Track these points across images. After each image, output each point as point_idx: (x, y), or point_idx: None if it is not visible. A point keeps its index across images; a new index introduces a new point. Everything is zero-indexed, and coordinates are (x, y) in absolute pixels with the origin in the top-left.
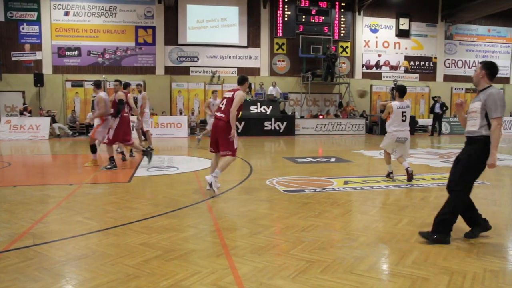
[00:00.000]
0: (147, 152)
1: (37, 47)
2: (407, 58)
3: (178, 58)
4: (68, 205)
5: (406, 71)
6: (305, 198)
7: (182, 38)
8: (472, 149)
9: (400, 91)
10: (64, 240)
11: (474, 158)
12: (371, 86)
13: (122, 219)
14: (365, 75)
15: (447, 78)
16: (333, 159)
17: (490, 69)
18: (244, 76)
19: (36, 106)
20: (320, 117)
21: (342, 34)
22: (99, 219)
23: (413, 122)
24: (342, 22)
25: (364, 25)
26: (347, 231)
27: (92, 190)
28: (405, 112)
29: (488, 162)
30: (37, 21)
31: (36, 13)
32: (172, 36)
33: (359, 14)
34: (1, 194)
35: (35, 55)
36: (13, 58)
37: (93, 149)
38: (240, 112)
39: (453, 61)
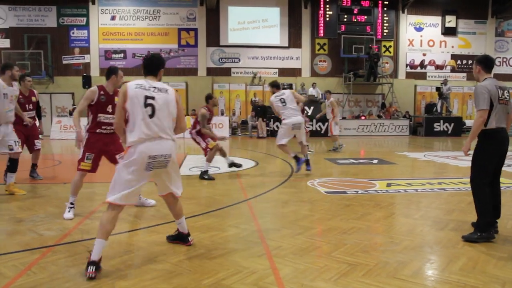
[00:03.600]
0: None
1: (86, 50)
2: (454, 57)
3: (220, 60)
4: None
5: (453, 70)
6: (346, 200)
7: (224, 40)
8: (477, 143)
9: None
10: (110, 236)
11: (476, 151)
12: (415, 86)
13: (165, 218)
14: (409, 75)
15: (497, 77)
16: (375, 161)
17: (483, 62)
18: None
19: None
20: (362, 118)
21: (385, 33)
22: (143, 217)
23: (460, 123)
24: (385, 21)
25: (408, 23)
26: (390, 235)
27: None
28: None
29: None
30: (86, 26)
31: (85, 18)
32: (214, 37)
33: (403, 12)
34: (52, 191)
35: (84, 58)
36: (64, 62)
37: None
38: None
39: (504, 59)
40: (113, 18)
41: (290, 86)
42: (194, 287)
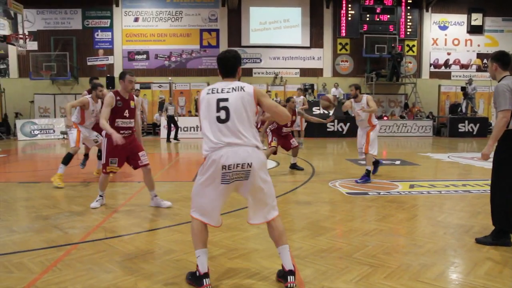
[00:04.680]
0: None
1: (110, 52)
2: (480, 55)
3: (241, 60)
4: (136, 201)
5: (478, 69)
6: (368, 201)
7: (245, 40)
8: (498, 145)
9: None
10: (133, 235)
11: (497, 155)
12: (439, 86)
13: (187, 217)
14: (432, 75)
15: None
16: (398, 162)
17: (500, 59)
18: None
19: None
20: (385, 118)
21: (408, 33)
22: (165, 216)
23: (486, 124)
24: (408, 20)
25: (432, 22)
26: (413, 237)
27: (158, 188)
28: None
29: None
30: (110, 28)
31: (109, 20)
32: (235, 38)
33: (427, 11)
34: (77, 190)
35: (108, 60)
36: (89, 63)
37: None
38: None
39: None
40: (136, 19)
41: (311, 87)
42: (215, 286)
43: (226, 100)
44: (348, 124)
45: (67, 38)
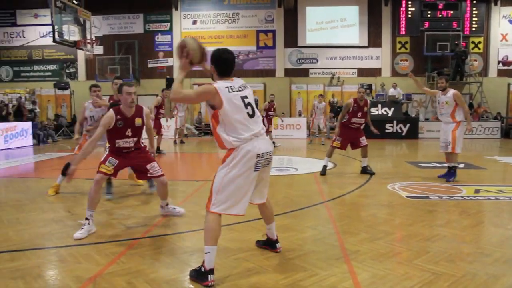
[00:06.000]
0: None
1: (169, 54)
2: None
3: (298, 60)
4: (194, 200)
5: None
6: (430, 206)
7: (302, 40)
8: None
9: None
10: (191, 232)
11: None
12: (508, 85)
13: (243, 217)
14: (501, 73)
15: None
16: (462, 165)
17: None
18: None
19: (167, 108)
20: None
21: (473, 29)
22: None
23: None
24: (474, 15)
25: (501, 16)
26: (479, 245)
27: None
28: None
29: None
30: (169, 31)
31: (168, 24)
32: (291, 38)
33: (495, 4)
34: (138, 188)
35: (167, 62)
36: (149, 65)
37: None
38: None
39: None
40: (194, 22)
41: (369, 87)
42: (271, 286)
43: (246, 97)
44: (407, 125)
45: (129, 41)
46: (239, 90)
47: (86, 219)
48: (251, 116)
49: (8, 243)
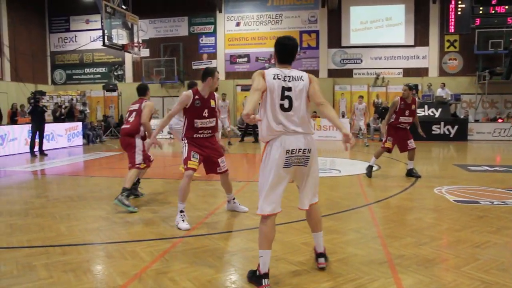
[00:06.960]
0: None
1: (213, 56)
2: None
3: (341, 61)
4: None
5: None
6: (480, 211)
7: (345, 41)
8: None
9: None
10: (233, 232)
11: None
12: None
13: (285, 218)
14: None
15: None
16: None
17: None
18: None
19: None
20: (499, 120)
21: None
22: None
23: None
24: None
25: None
26: None
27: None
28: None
29: None
30: (213, 33)
31: (212, 26)
32: (335, 39)
33: None
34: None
35: (211, 63)
36: (193, 67)
37: None
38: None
39: None
40: (237, 24)
41: (416, 87)
42: (314, 287)
43: (289, 89)
44: (456, 126)
45: (174, 44)
46: (285, 80)
47: (181, 211)
48: (286, 109)
49: (60, 238)
